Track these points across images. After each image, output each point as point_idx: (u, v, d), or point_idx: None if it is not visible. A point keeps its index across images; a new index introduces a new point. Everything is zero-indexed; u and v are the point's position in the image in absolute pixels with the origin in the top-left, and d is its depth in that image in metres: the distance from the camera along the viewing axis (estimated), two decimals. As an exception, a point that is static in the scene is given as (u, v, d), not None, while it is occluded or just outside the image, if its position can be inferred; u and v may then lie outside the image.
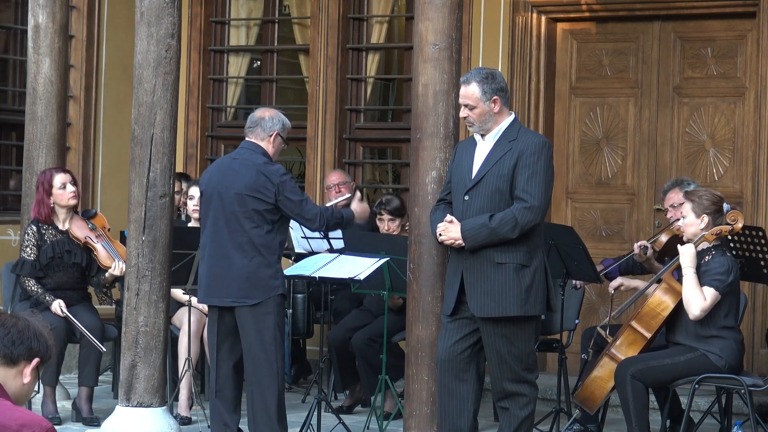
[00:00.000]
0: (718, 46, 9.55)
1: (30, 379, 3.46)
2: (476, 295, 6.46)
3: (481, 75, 6.56)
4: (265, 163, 7.12)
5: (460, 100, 6.61)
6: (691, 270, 7.00)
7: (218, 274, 7.11)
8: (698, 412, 8.11)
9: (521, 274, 6.42)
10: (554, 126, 9.98)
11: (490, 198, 6.46)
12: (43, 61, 8.83)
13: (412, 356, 7.10)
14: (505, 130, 6.55)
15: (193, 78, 10.98)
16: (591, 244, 8.90)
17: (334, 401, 9.06)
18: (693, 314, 6.96)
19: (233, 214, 7.08)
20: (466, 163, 6.58)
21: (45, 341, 3.50)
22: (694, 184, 8.22)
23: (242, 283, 7.05)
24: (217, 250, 7.12)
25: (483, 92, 6.51)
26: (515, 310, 6.41)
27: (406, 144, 10.03)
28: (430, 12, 7.05)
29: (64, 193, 8.39)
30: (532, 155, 6.42)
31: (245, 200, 7.06)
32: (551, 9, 9.89)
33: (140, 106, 7.45)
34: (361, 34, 10.62)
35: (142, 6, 7.46)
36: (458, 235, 6.43)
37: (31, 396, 3.66)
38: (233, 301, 7.09)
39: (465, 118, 6.58)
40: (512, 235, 6.37)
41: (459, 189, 6.58)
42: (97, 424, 8.02)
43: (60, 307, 8.23)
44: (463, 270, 6.51)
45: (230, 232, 7.09)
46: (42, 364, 3.49)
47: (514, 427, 6.59)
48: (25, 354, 3.46)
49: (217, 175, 7.23)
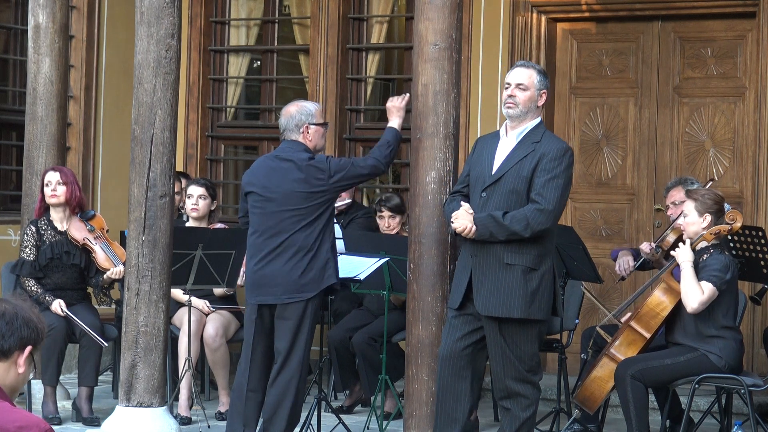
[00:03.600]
0: (718, 46, 9.55)
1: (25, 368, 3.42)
2: (482, 293, 6.47)
3: (540, 67, 6.72)
4: (309, 158, 7.13)
5: (514, 79, 6.59)
6: (688, 264, 6.99)
7: (264, 272, 7.10)
8: (698, 412, 8.11)
9: (529, 277, 6.44)
10: (554, 126, 9.97)
11: (507, 198, 6.47)
12: (43, 61, 8.83)
13: (412, 356, 7.10)
14: (530, 131, 6.57)
15: (193, 78, 10.98)
16: (591, 244, 8.90)
17: (334, 401, 9.06)
18: (691, 307, 6.94)
19: (281, 213, 7.07)
20: (486, 159, 6.60)
21: (35, 326, 3.43)
22: (697, 183, 8.24)
23: (294, 281, 7.04)
24: (263, 249, 7.11)
25: (539, 80, 6.61)
26: (519, 312, 6.42)
27: (406, 144, 10.04)
28: (430, 12, 7.05)
29: (47, 190, 8.42)
30: (553, 160, 6.44)
31: (294, 197, 7.05)
32: (551, 9, 9.89)
33: (140, 106, 7.45)
34: (361, 34, 10.62)
35: (142, 6, 7.46)
36: (469, 223, 6.43)
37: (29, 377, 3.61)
38: (277, 299, 7.09)
39: (510, 98, 6.55)
40: (523, 234, 6.38)
41: (477, 185, 6.59)
42: (97, 424, 8.02)
43: (60, 306, 8.23)
44: (472, 267, 6.53)
45: (280, 231, 7.07)
46: (35, 350, 3.44)
47: (515, 427, 6.60)
48: (17, 344, 3.40)
49: (262, 174, 7.20)
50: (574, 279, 8.10)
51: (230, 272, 8.12)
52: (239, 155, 11.44)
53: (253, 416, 7.21)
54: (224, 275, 8.14)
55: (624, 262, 8.19)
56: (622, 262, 8.19)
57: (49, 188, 8.41)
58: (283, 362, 7.09)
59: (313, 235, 7.06)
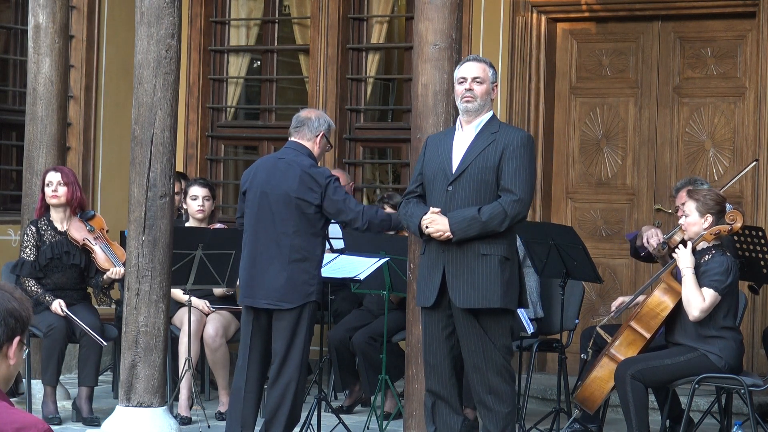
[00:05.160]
0: (718, 46, 9.55)
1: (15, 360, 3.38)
2: (458, 286, 6.45)
3: (490, 61, 6.75)
4: (311, 165, 7.10)
5: (470, 73, 6.58)
6: (689, 270, 6.99)
7: (258, 275, 7.09)
8: (698, 412, 8.11)
9: (504, 266, 6.44)
10: (554, 126, 9.98)
11: (476, 189, 6.47)
12: (44, 61, 8.83)
13: (412, 356, 7.10)
14: (487, 122, 6.60)
15: (193, 78, 10.98)
16: (591, 244, 8.90)
17: (334, 401, 9.06)
18: (693, 315, 6.96)
19: (277, 216, 7.05)
20: (443, 154, 6.58)
21: (20, 314, 3.35)
22: (707, 184, 8.22)
23: (281, 286, 7.03)
24: (257, 251, 7.10)
25: (492, 73, 6.66)
26: (497, 301, 6.42)
27: (406, 144, 10.03)
28: (430, 12, 7.05)
29: (47, 191, 8.42)
30: (517, 148, 6.48)
31: (292, 202, 7.03)
32: (551, 9, 9.88)
33: (140, 106, 7.45)
34: (361, 34, 10.62)
35: (142, 6, 7.46)
36: (446, 228, 6.42)
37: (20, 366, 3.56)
38: (270, 303, 7.08)
39: (467, 91, 6.55)
40: (500, 229, 6.41)
41: (438, 180, 6.56)
42: (97, 424, 8.02)
43: (60, 306, 8.23)
44: (444, 262, 6.50)
45: (273, 233, 7.06)
46: (23, 338, 3.38)
47: (501, 426, 6.55)
48: (4, 337, 3.34)
49: (262, 174, 7.18)
50: (574, 279, 8.09)
51: (230, 272, 8.12)
52: (239, 155, 11.43)
53: (251, 417, 7.21)
54: (224, 275, 8.14)
55: (652, 233, 8.00)
56: (650, 234, 8.01)
57: (50, 188, 8.41)
58: (281, 363, 7.08)
59: (306, 242, 7.04)
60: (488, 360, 6.49)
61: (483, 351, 6.49)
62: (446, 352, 6.58)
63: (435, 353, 6.60)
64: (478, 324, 6.47)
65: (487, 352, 6.48)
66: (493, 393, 6.53)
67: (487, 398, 6.55)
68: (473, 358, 6.52)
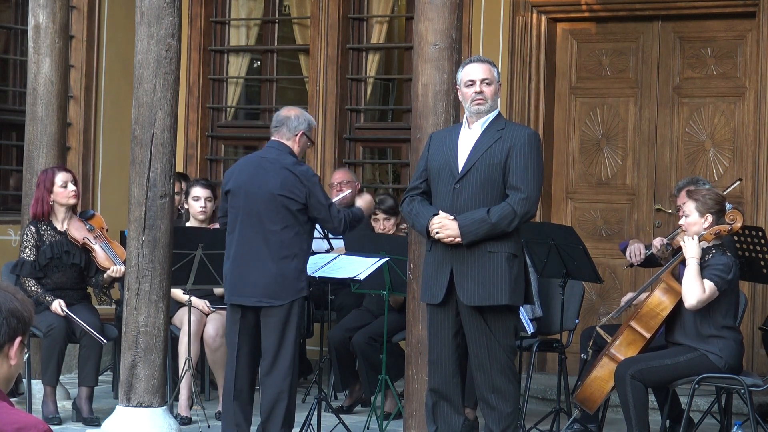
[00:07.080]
0: (718, 46, 9.55)
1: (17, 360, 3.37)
2: (466, 283, 6.45)
3: (491, 61, 6.77)
4: (294, 164, 7.12)
5: (478, 75, 6.59)
6: (694, 261, 6.98)
7: (245, 273, 7.09)
8: (698, 412, 8.11)
9: (511, 263, 6.45)
10: (554, 126, 9.98)
11: (483, 187, 6.47)
12: (44, 61, 8.83)
13: (412, 356, 7.10)
14: (493, 120, 6.61)
15: (193, 78, 10.98)
16: (591, 244, 8.90)
17: (334, 401, 9.06)
18: (689, 303, 6.93)
19: (263, 214, 7.06)
20: (449, 151, 6.59)
21: (21, 315, 3.35)
22: (708, 183, 8.22)
23: (270, 283, 7.04)
24: (244, 249, 7.10)
25: (497, 73, 6.70)
26: (505, 298, 6.42)
27: (406, 144, 10.03)
28: (430, 12, 7.05)
29: (65, 191, 8.40)
30: (525, 146, 6.49)
31: (277, 200, 7.04)
32: (551, 9, 9.89)
33: (140, 106, 7.45)
34: (361, 34, 10.62)
35: (142, 6, 7.46)
36: (457, 233, 6.43)
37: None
38: (259, 301, 7.09)
39: (478, 94, 6.57)
40: (509, 229, 6.42)
41: (444, 178, 6.56)
42: (97, 424, 8.02)
43: (60, 306, 8.24)
44: (452, 259, 6.50)
45: (259, 231, 7.06)
46: (25, 338, 3.38)
47: (503, 425, 6.56)
48: (5, 337, 3.34)
49: (245, 173, 7.20)
50: (574, 279, 8.09)
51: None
52: (239, 155, 11.43)
53: (244, 416, 7.21)
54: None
55: (636, 249, 8.13)
56: (633, 249, 8.13)
57: (68, 189, 8.41)
58: (273, 361, 7.07)
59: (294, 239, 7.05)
60: (493, 358, 6.50)
61: (488, 349, 6.50)
62: (451, 350, 6.59)
63: (440, 351, 6.60)
64: (486, 321, 6.47)
65: (492, 351, 6.49)
66: (497, 392, 6.54)
67: (490, 397, 6.56)
68: (478, 356, 6.53)
